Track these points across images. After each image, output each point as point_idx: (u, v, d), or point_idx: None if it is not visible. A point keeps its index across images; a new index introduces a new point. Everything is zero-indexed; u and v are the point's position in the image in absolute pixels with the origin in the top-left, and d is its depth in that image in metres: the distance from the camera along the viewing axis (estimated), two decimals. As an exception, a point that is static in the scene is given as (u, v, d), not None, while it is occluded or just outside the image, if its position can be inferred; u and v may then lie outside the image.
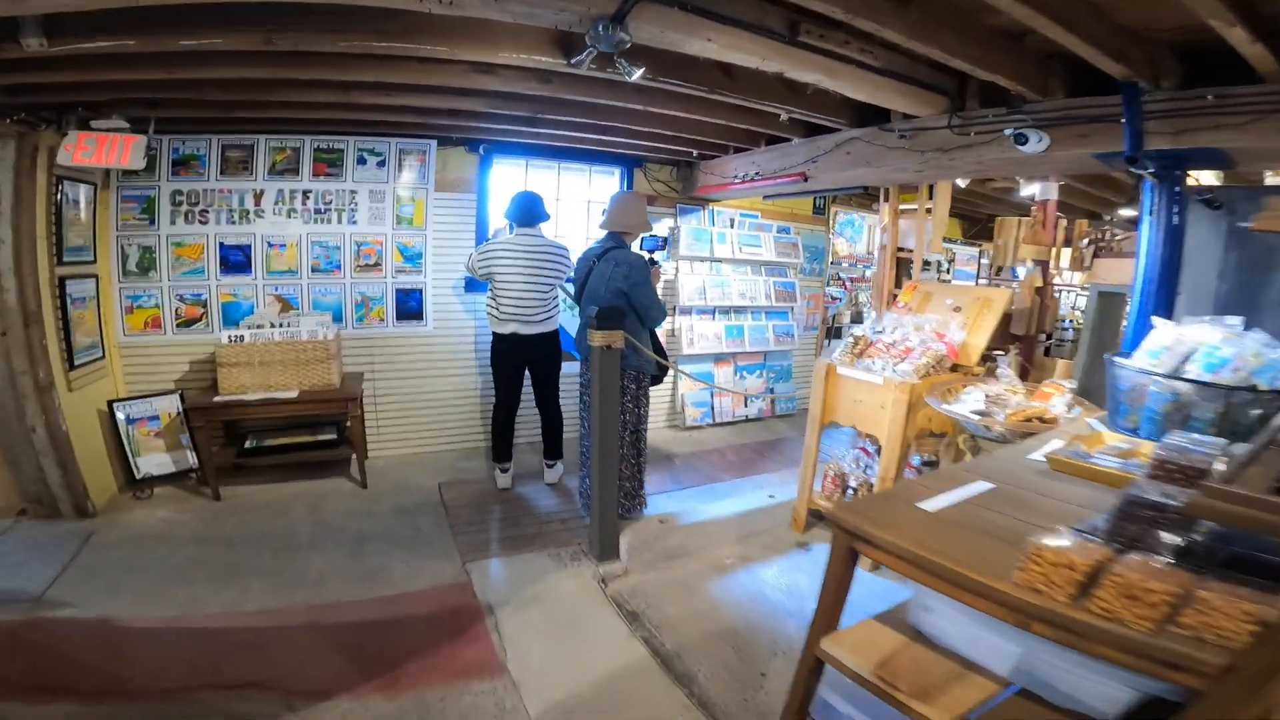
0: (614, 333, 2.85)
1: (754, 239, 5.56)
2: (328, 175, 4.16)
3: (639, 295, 3.22)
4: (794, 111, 3.32)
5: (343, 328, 4.30)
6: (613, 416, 2.99)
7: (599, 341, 2.84)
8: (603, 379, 2.89)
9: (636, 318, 3.22)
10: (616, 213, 3.47)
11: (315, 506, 3.76)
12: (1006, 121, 2.79)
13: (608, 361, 2.88)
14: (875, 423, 3.12)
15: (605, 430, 2.97)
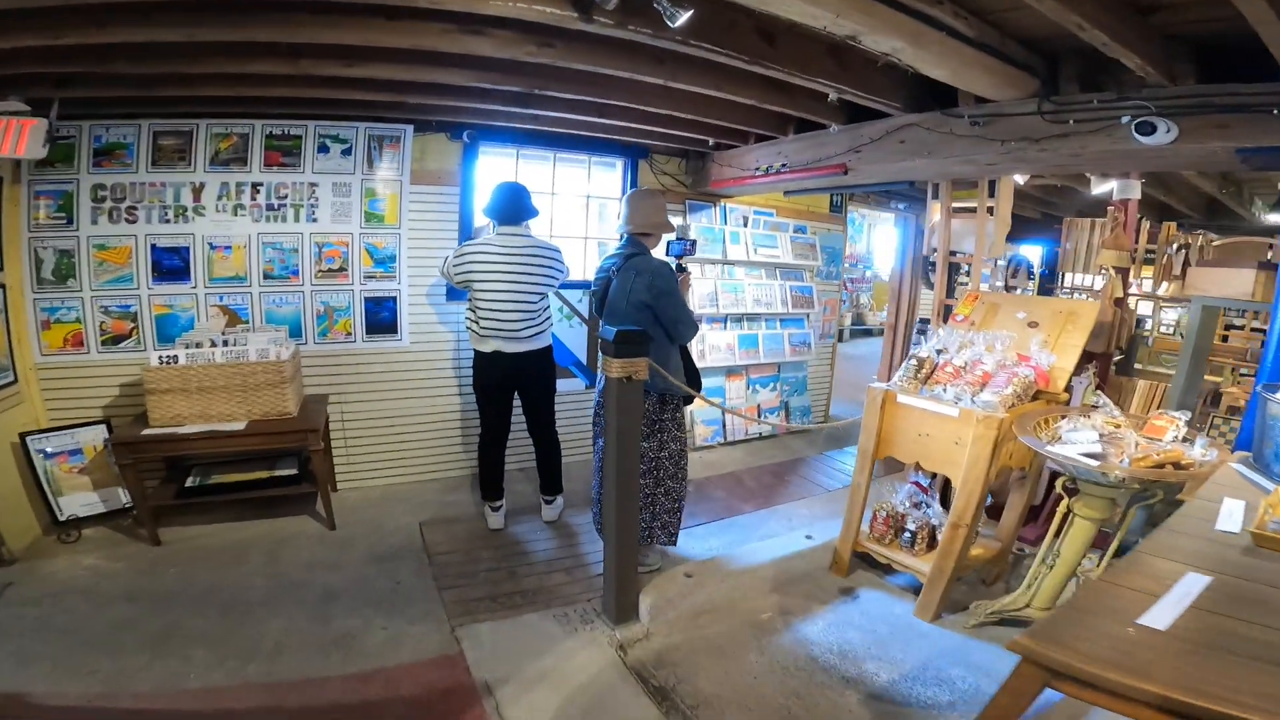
0: (635, 361, 2.27)
1: (769, 239, 5.01)
2: (282, 166, 3.52)
3: (665, 308, 2.78)
4: (845, 91, 2.77)
5: (302, 343, 3.67)
6: (631, 462, 2.43)
7: (616, 372, 2.26)
8: (621, 419, 2.31)
9: (664, 333, 2.79)
10: (633, 213, 2.97)
11: (274, 553, 3.16)
12: (1121, 108, 2.29)
13: (628, 397, 2.31)
14: (947, 461, 2.65)
15: (622, 478, 2.41)
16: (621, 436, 2.33)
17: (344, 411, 3.86)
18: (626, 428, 2.34)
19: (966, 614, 2.70)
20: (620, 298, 2.85)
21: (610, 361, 2.27)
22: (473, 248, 3.18)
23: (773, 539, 3.50)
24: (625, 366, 2.26)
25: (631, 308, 2.79)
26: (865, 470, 2.96)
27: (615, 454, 2.35)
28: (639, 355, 2.30)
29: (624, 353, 2.27)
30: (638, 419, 2.41)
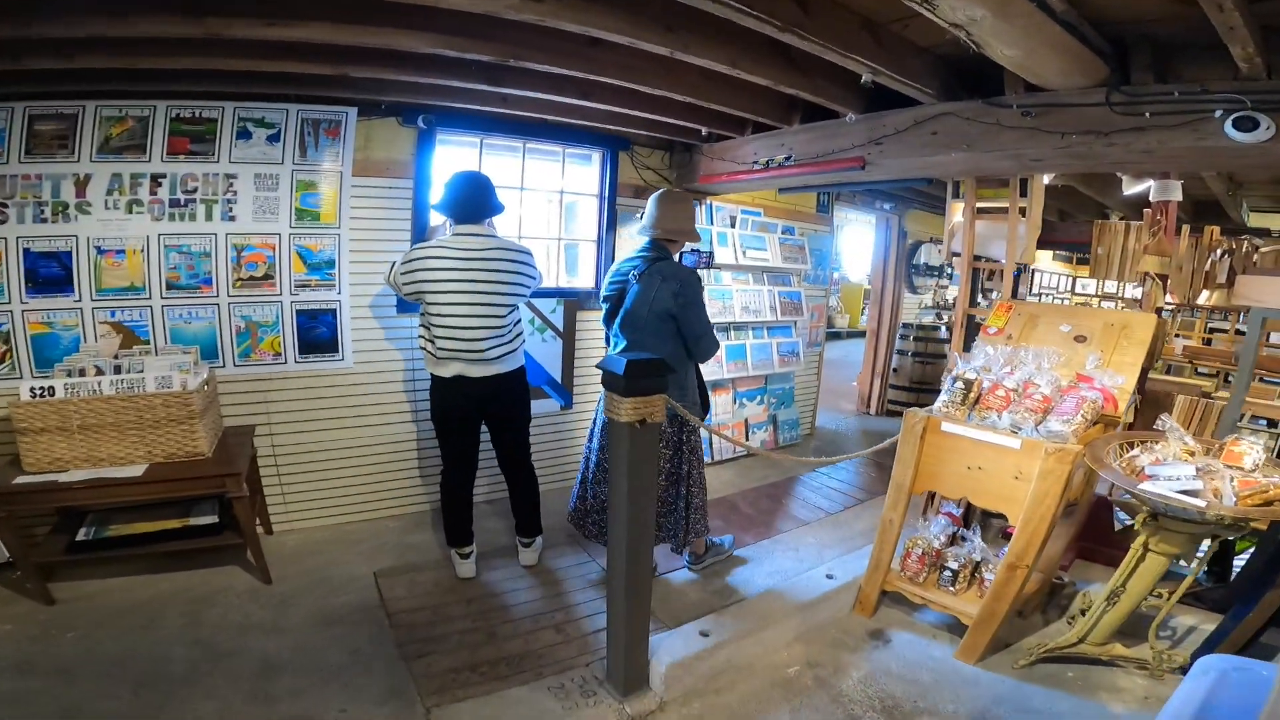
0: (652, 400, 1.78)
1: (758, 241, 4.59)
2: (191, 154, 2.87)
3: (690, 321, 2.55)
4: (880, 71, 2.36)
5: (218, 366, 3.03)
6: (646, 523, 1.94)
7: (628, 415, 1.77)
8: (633, 476, 1.82)
9: (683, 349, 2.57)
10: (662, 215, 2.70)
11: (196, 614, 2.59)
12: (1212, 101, 1.99)
13: (642, 446, 1.82)
14: (1003, 497, 2.31)
15: (635, 536, 1.92)
16: (635, 497, 1.84)
17: (275, 445, 3.24)
18: (640, 486, 1.85)
19: (1011, 652, 2.46)
20: (641, 305, 2.57)
21: (619, 402, 1.76)
22: (424, 252, 2.63)
23: (788, 579, 3.09)
24: (640, 408, 1.77)
25: (653, 317, 2.54)
26: (900, 506, 2.58)
27: (628, 508, 1.86)
28: (656, 391, 1.80)
29: (637, 389, 1.77)
30: (653, 471, 1.93)
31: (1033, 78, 2.25)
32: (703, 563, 3.04)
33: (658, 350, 2.55)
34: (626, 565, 1.94)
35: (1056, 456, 2.12)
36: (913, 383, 5.99)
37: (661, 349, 2.53)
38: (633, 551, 1.93)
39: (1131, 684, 2.29)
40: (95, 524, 2.79)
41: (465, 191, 2.65)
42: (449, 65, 2.65)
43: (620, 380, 1.75)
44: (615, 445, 1.85)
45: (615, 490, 1.89)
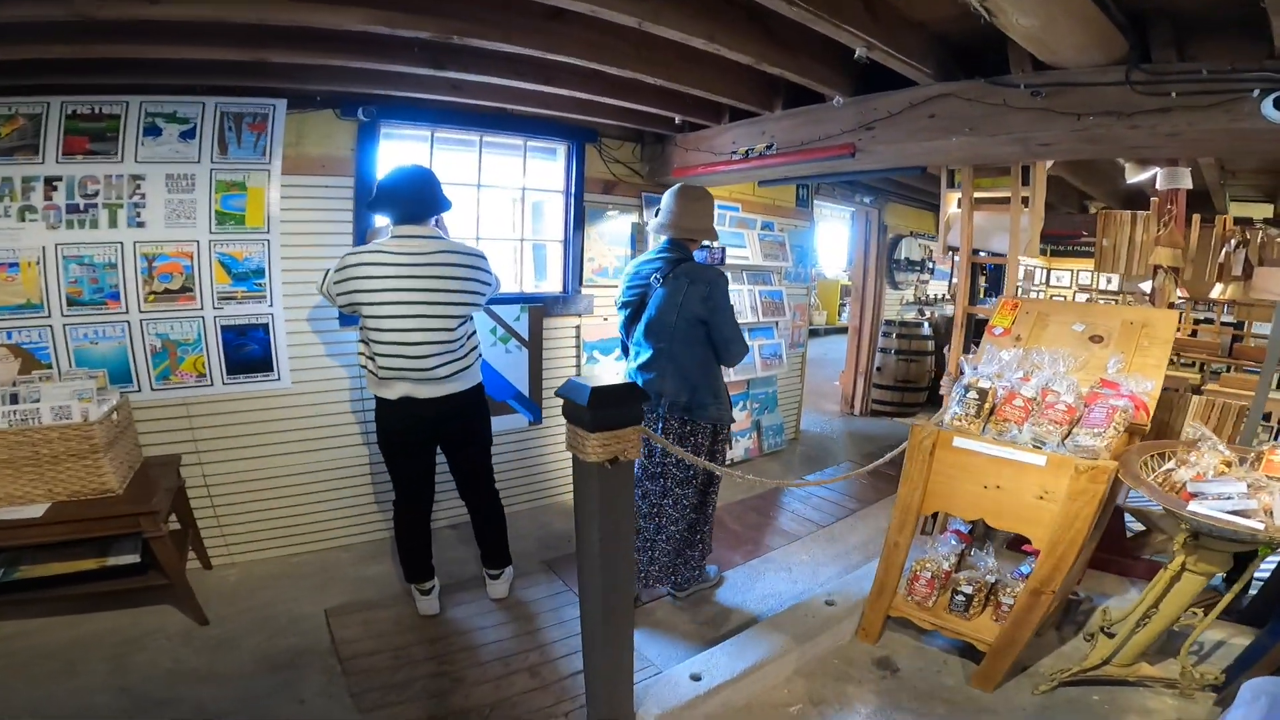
0: (623, 433, 1.49)
1: (736, 237, 4.32)
2: (91, 154, 2.51)
3: (720, 325, 2.41)
4: (875, 46, 2.10)
5: (132, 390, 2.66)
6: (623, 572, 1.65)
7: (596, 453, 1.47)
8: (606, 520, 1.52)
9: (712, 354, 2.44)
10: (683, 213, 2.52)
11: (122, 659, 2.30)
12: (1248, 80, 1.79)
13: (614, 489, 1.52)
14: (1026, 519, 2.09)
15: (611, 591, 1.63)
16: (610, 546, 1.54)
17: (207, 475, 2.88)
18: (615, 531, 1.55)
19: (1029, 676, 2.30)
20: (669, 310, 2.40)
21: (585, 438, 1.46)
22: (358, 258, 2.29)
23: (782, 603, 2.83)
24: (609, 444, 1.47)
25: (683, 323, 2.39)
26: (907, 529, 2.34)
27: (600, 570, 1.57)
28: (629, 423, 1.51)
29: (607, 421, 1.47)
30: (629, 518, 1.63)
31: (1045, 53, 2.02)
32: (686, 591, 2.81)
33: (688, 356, 2.43)
34: (603, 624, 1.65)
35: (1090, 475, 1.89)
36: (897, 381, 5.80)
37: (692, 356, 2.43)
38: (608, 610, 1.64)
39: (1162, 705, 2.15)
40: (4, 565, 2.42)
41: (405, 187, 2.31)
42: (386, 47, 2.33)
43: (584, 411, 1.44)
44: (581, 489, 1.55)
45: (585, 540, 1.59)
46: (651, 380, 2.48)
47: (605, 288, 3.77)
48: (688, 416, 2.48)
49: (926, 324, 5.86)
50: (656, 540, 2.65)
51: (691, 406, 2.46)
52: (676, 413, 2.48)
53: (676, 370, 2.44)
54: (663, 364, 2.45)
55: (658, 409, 2.48)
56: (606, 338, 3.79)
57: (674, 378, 2.44)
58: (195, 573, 2.80)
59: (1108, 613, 2.43)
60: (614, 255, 3.77)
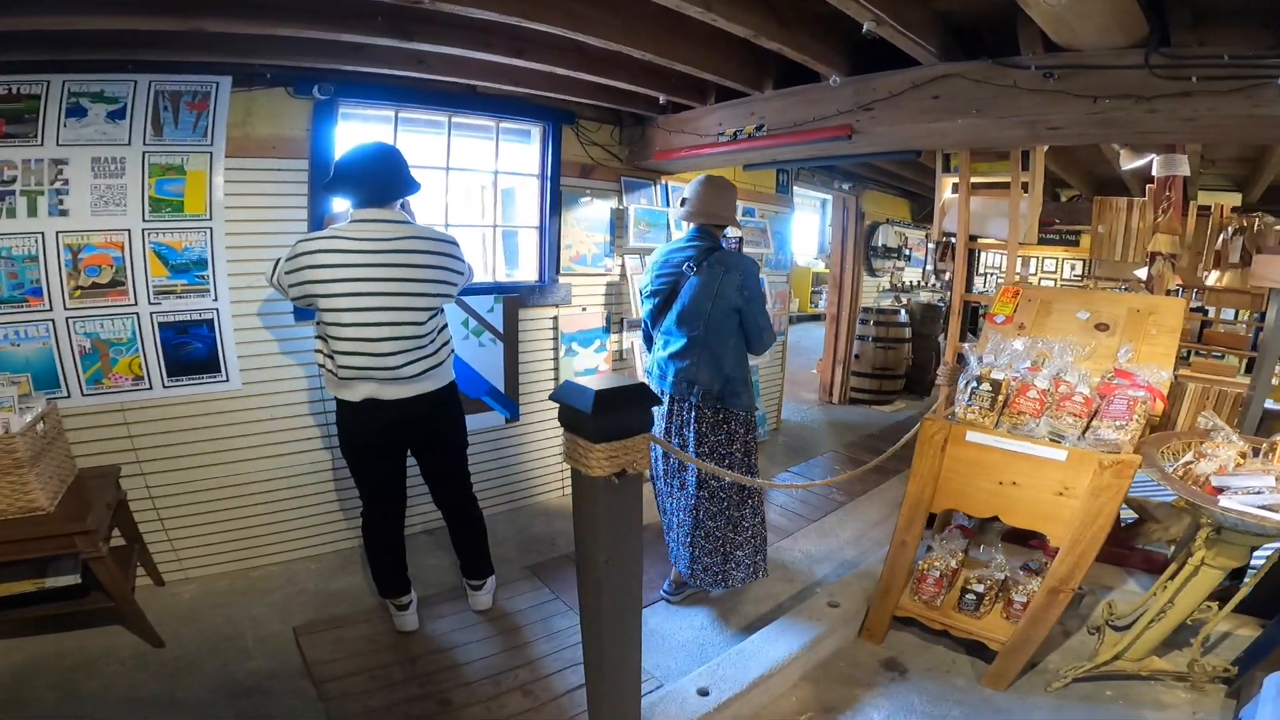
0: (631, 443, 1.32)
1: (719, 225, 4.16)
2: (7, 138, 2.21)
3: (754, 314, 2.39)
4: (883, 20, 1.95)
5: (61, 396, 2.39)
6: (630, 597, 1.49)
7: (601, 467, 1.29)
8: (612, 540, 1.36)
9: (744, 343, 2.43)
10: (709, 201, 2.48)
11: (72, 686, 2.11)
12: (1273, 66, 1.73)
13: (621, 505, 1.35)
14: (1043, 515, 2.02)
15: (617, 618, 1.47)
16: (615, 566, 1.38)
17: (150, 485, 2.62)
18: (622, 551, 1.38)
19: (1039, 673, 2.26)
20: (704, 299, 2.36)
21: (587, 450, 1.28)
22: (313, 244, 2.05)
23: (779, 603, 2.74)
24: (616, 455, 1.30)
25: (719, 311, 2.36)
26: (915, 527, 2.26)
27: (607, 592, 1.40)
28: (638, 430, 1.34)
29: (611, 430, 1.29)
30: (637, 534, 1.46)
31: (1063, 34, 1.92)
32: (682, 593, 2.72)
33: (723, 345, 2.39)
34: (610, 650, 1.49)
35: (1114, 470, 1.81)
36: (875, 369, 5.76)
37: (725, 344, 2.40)
38: (615, 636, 1.48)
39: (1175, 698, 2.13)
40: None
41: (367, 166, 2.08)
42: (344, 15, 2.10)
43: (586, 419, 1.25)
44: (583, 507, 1.37)
45: (588, 562, 1.42)
46: (685, 369, 2.44)
47: (584, 276, 3.58)
48: (720, 405, 2.44)
49: (903, 311, 5.83)
50: (695, 537, 2.53)
51: (725, 395, 2.42)
52: (710, 401, 2.43)
53: (711, 359, 2.40)
54: (697, 352, 2.41)
55: (690, 397, 2.44)
56: (585, 329, 3.61)
57: (708, 366, 2.40)
58: (146, 590, 2.59)
59: (1113, 606, 2.40)
60: (592, 242, 3.58)
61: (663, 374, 2.51)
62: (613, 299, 3.75)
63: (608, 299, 3.73)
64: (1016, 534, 2.78)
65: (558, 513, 3.56)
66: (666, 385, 2.49)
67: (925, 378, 6.14)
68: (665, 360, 2.50)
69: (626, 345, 3.81)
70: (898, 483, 4.05)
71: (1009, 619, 2.26)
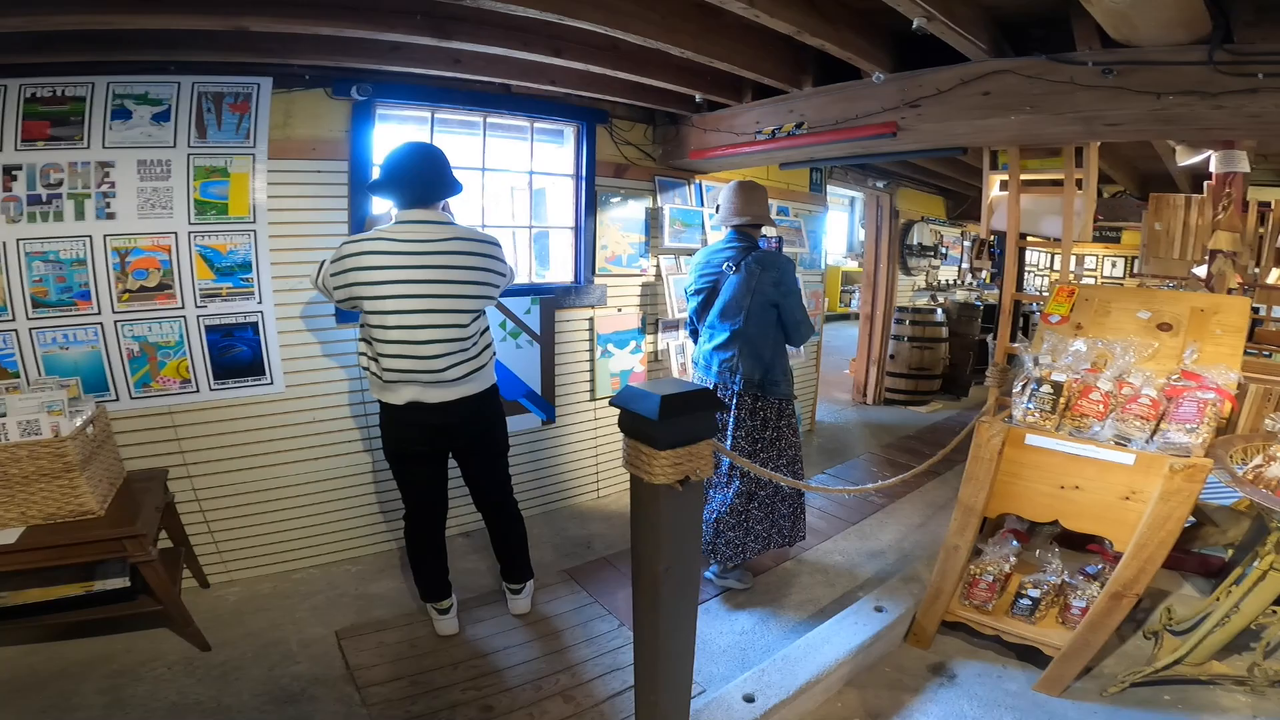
0: (696, 448, 1.28)
1: (753, 224, 4.11)
2: (54, 140, 2.24)
3: (791, 308, 2.58)
4: (935, 16, 1.90)
5: (110, 399, 2.43)
6: (691, 600, 1.46)
7: (665, 473, 1.26)
8: (672, 548, 1.32)
9: (782, 335, 2.62)
10: (743, 204, 2.64)
11: (117, 691, 2.11)
12: None
13: (683, 512, 1.32)
14: (1108, 520, 1.96)
15: (678, 620, 1.43)
16: (674, 574, 1.34)
17: (197, 488, 2.65)
18: (682, 558, 1.35)
19: (1094, 678, 2.21)
20: (744, 294, 2.55)
21: (651, 457, 1.24)
22: (358, 246, 2.04)
23: (821, 608, 2.69)
24: (681, 462, 1.26)
25: (757, 306, 2.54)
26: (968, 531, 2.19)
27: (663, 601, 1.37)
28: (702, 436, 1.30)
29: (679, 435, 1.25)
30: (697, 541, 1.43)
31: (1123, 30, 1.87)
32: (728, 577, 2.79)
33: (762, 337, 2.56)
34: (663, 663, 1.45)
35: (1185, 474, 1.74)
36: (911, 369, 5.65)
37: (765, 336, 2.58)
38: (670, 648, 1.44)
39: (1234, 702, 2.09)
40: None
41: (411, 166, 2.07)
42: (382, 13, 2.09)
43: (652, 426, 1.21)
44: (643, 515, 1.33)
45: (645, 571, 1.38)
46: (728, 359, 2.61)
47: (619, 277, 3.56)
48: (759, 393, 2.61)
49: (940, 310, 5.71)
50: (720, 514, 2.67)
51: (764, 384, 2.59)
52: (750, 389, 2.60)
53: (751, 350, 2.57)
54: (738, 344, 2.58)
55: (732, 385, 2.61)
56: (621, 330, 3.58)
57: (748, 357, 2.58)
58: (192, 592, 2.62)
59: (1171, 611, 2.34)
60: (628, 243, 3.55)
61: (707, 365, 2.69)
62: (648, 300, 3.72)
63: (643, 300, 3.70)
64: (1070, 538, 2.70)
65: (592, 515, 3.54)
66: (711, 375, 2.67)
67: (962, 378, 6.00)
68: (710, 352, 2.68)
69: (662, 346, 3.77)
70: (938, 485, 3.96)
71: (1065, 624, 2.22)
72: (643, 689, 1.56)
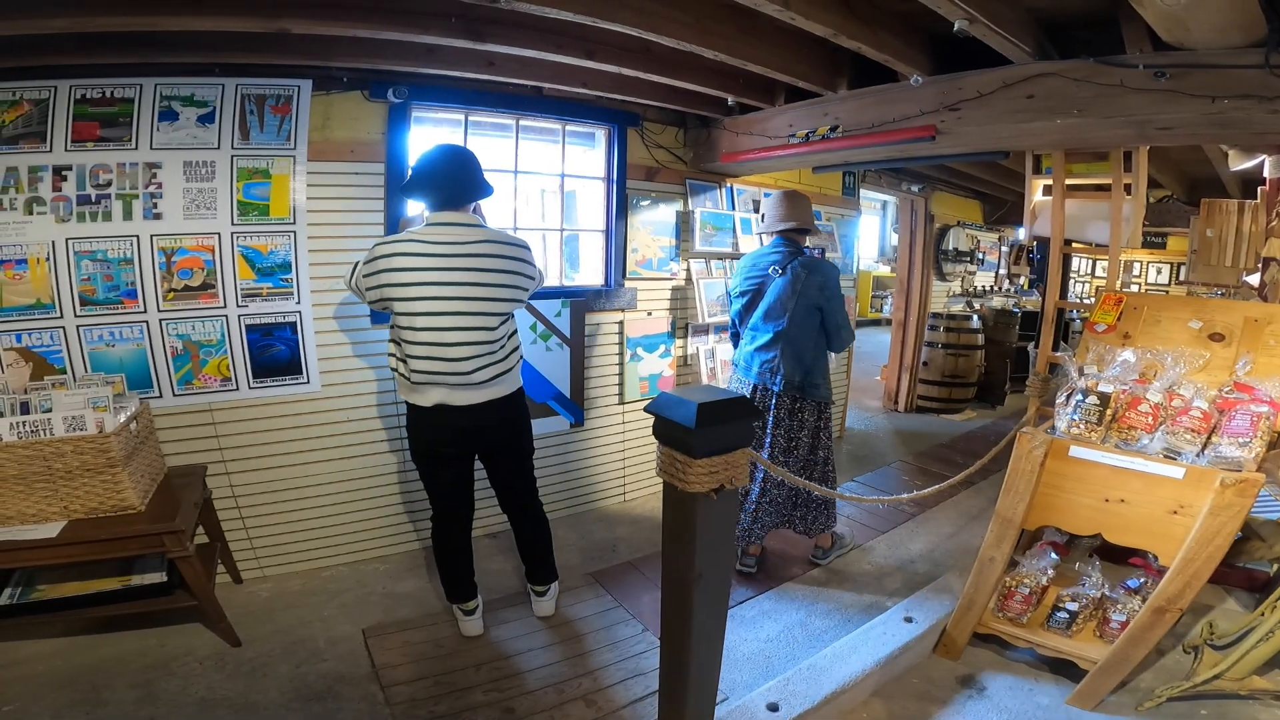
0: (733, 456, 1.26)
1: (784, 228, 4.07)
2: (103, 141, 2.32)
3: (834, 312, 2.66)
4: (976, 18, 1.86)
5: (153, 396, 2.49)
6: (720, 609, 1.44)
7: (701, 483, 1.24)
8: (704, 557, 1.30)
9: (824, 340, 2.69)
10: (789, 211, 2.72)
11: (150, 685, 2.15)
12: None
13: (717, 521, 1.30)
14: (1154, 534, 1.91)
15: (707, 630, 1.41)
16: (704, 585, 1.32)
17: (234, 484, 2.71)
18: (714, 566, 1.33)
19: (1129, 692, 2.17)
20: (789, 297, 2.61)
21: (687, 465, 1.22)
22: (390, 248, 2.07)
23: (848, 618, 2.64)
24: (717, 471, 1.24)
25: (801, 309, 2.61)
26: (1006, 543, 2.14)
27: (692, 611, 1.35)
28: (739, 445, 1.28)
29: (716, 444, 1.23)
30: (730, 550, 1.41)
31: (1176, 33, 1.81)
32: (829, 557, 3.02)
33: (804, 340, 2.63)
34: (689, 674, 1.43)
35: (1237, 489, 1.68)
36: (944, 377, 5.53)
37: (807, 340, 2.65)
38: (697, 658, 1.42)
39: (1273, 716, 2.05)
40: (20, 584, 2.29)
41: (443, 168, 2.09)
42: (418, 16, 2.12)
43: (689, 434, 1.18)
44: (675, 523, 1.32)
45: (675, 581, 1.37)
46: (770, 360, 2.68)
47: (649, 280, 3.55)
48: (799, 395, 2.68)
49: (976, 317, 5.58)
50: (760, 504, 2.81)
51: (804, 386, 2.66)
52: (790, 391, 2.67)
53: (793, 352, 2.64)
54: (781, 346, 2.65)
55: (773, 386, 2.68)
56: (651, 334, 3.57)
57: (790, 359, 2.64)
58: (225, 587, 2.67)
59: (1214, 625, 2.27)
60: (658, 246, 3.54)
61: (748, 366, 2.75)
62: (678, 304, 3.70)
63: (673, 303, 3.68)
64: (1110, 551, 2.62)
65: (618, 518, 3.53)
66: (752, 375, 2.72)
67: (998, 386, 5.86)
68: (752, 353, 2.74)
69: (691, 351, 3.75)
70: (971, 494, 3.87)
71: (1103, 638, 2.18)
72: (667, 696, 1.55)
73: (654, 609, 2.65)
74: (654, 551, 3.14)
